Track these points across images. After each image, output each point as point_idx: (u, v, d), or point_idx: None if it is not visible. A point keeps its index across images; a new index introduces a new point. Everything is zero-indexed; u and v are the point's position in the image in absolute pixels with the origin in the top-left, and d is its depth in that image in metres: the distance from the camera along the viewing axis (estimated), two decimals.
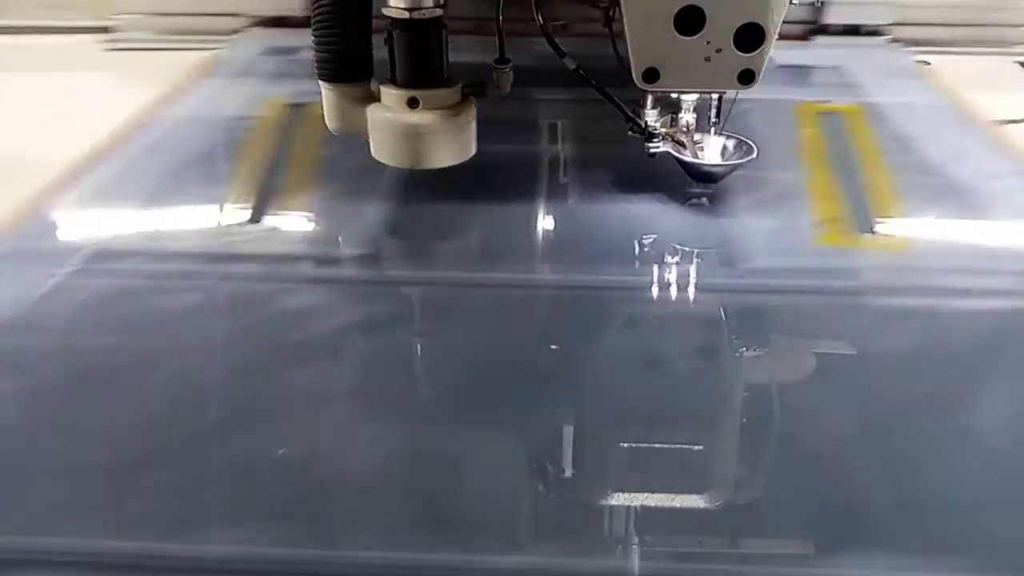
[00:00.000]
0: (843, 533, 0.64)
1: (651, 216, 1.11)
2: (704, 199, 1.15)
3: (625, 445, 0.74)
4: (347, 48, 1.07)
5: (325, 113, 1.13)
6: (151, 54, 1.74)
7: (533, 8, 1.08)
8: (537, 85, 1.30)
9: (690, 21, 0.98)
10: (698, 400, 0.81)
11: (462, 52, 1.13)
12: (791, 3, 0.98)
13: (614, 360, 0.87)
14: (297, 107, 1.39)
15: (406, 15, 1.03)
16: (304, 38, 1.13)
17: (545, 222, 1.14)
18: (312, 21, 1.07)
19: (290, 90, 1.46)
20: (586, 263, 1.03)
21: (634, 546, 0.63)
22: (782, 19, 0.98)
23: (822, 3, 1.59)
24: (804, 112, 1.40)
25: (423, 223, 1.15)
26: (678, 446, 0.73)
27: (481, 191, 1.15)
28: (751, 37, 0.99)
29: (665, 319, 0.96)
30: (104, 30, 1.81)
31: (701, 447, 0.74)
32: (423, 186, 1.15)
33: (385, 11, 1.04)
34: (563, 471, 0.71)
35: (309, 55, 1.09)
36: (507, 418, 0.78)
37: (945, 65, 1.60)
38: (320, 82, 1.10)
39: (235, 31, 1.79)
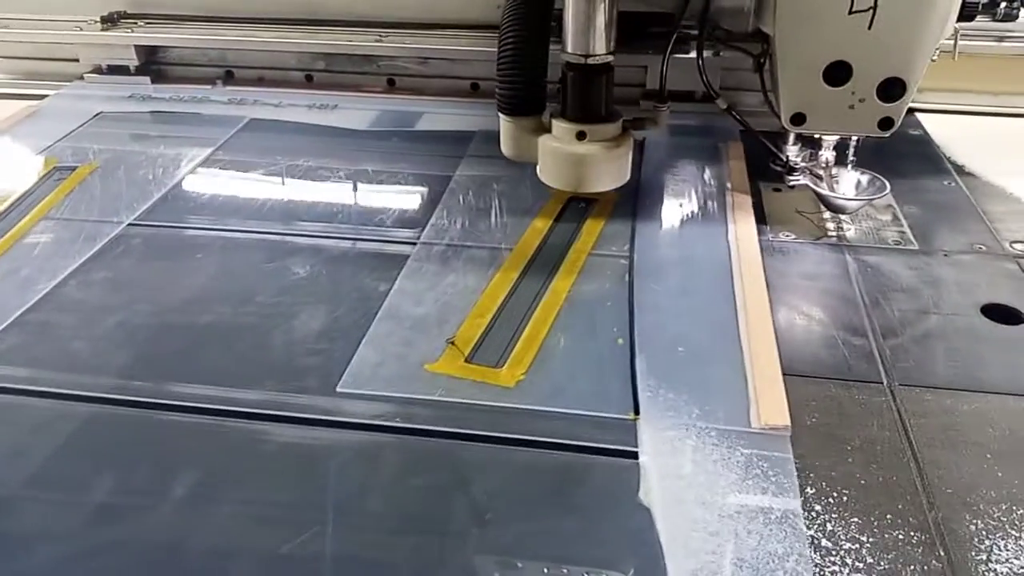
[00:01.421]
0: None
1: None
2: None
3: None
4: (525, 87, 1.23)
5: (501, 141, 1.29)
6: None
7: (696, 53, 1.22)
8: None
9: (838, 73, 1.10)
10: None
11: None
12: (932, 60, 1.09)
13: None
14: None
15: (582, 61, 1.18)
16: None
17: None
18: (497, 63, 1.23)
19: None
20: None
21: None
22: (923, 74, 1.10)
23: None
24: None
25: None
26: None
27: None
28: (893, 89, 1.10)
29: None
30: None
31: None
32: None
33: (564, 56, 1.20)
34: None
35: None
36: None
37: None
38: (499, 114, 1.27)
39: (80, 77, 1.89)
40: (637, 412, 0.89)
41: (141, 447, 0.88)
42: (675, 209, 1.33)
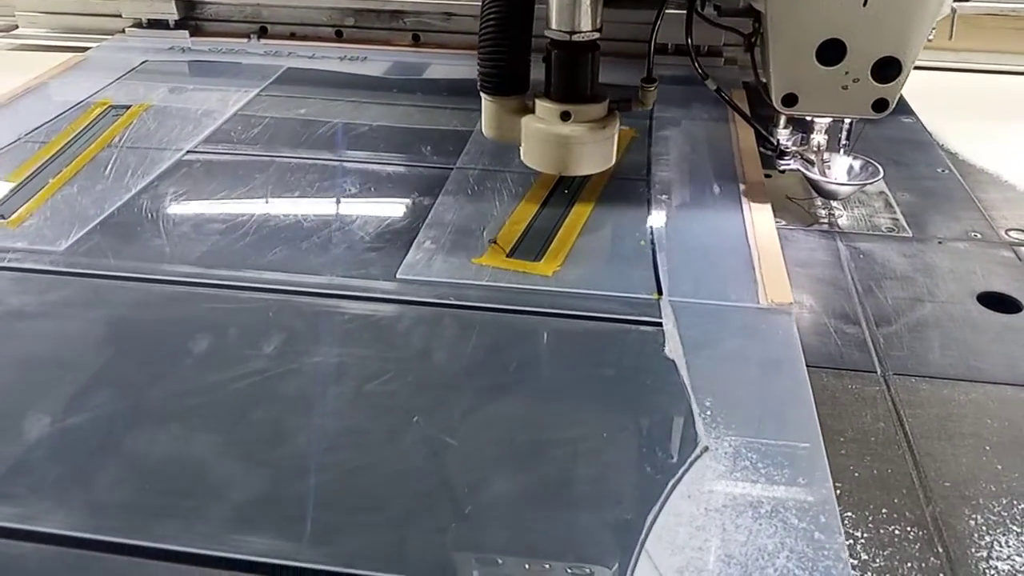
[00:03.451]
0: None
1: None
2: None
3: None
4: (508, 66, 1.18)
5: (483, 122, 1.25)
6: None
7: (684, 32, 1.18)
8: None
9: (831, 52, 1.06)
10: None
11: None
12: (928, 40, 1.05)
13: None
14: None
15: (567, 38, 1.13)
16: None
17: None
18: (479, 39, 1.18)
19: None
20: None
21: None
22: (918, 53, 1.06)
23: None
24: None
25: None
26: None
27: None
28: (888, 69, 1.06)
29: None
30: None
31: None
32: None
33: (547, 33, 1.15)
34: None
35: None
36: None
37: None
38: (482, 94, 1.22)
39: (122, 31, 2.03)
40: (660, 293, 1.04)
41: (227, 317, 1.01)
42: (686, 141, 1.48)
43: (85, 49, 1.94)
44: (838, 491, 0.76)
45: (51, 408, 0.85)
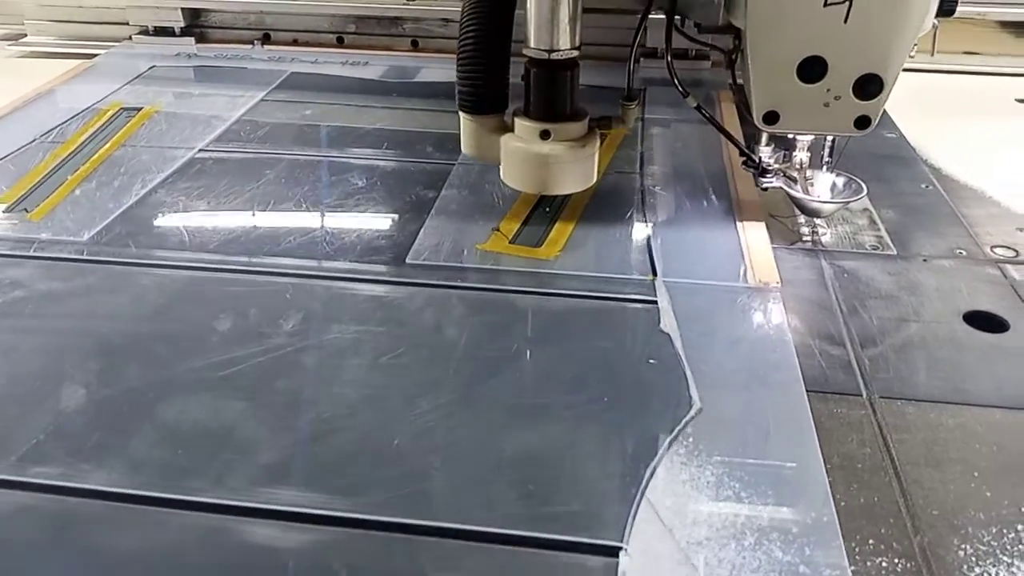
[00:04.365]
0: None
1: None
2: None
3: None
4: (486, 84, 1.17)
5: (462, 140, 1.23)
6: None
7: (664, 44, 1.17)
8: None
9: (812, 69, 1.05)
10: None
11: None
12: (910, 57, 1.04)
13: None
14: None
15: (545, 56, 1.12)
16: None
17: None
18: (457, 57, 1.17)
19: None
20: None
21: None
22: (900, 70, 1.05)
23: None
24: None
25: None
26: None
27: None
28: (870, 86, 1.05)
29: None
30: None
31: None
32: None
33: (526, 51, 1.13)
34: None
35: None
36: None
37: None
38: (460, 112, 1.21)
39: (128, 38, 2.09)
40: (655, 274, 1.11)
41: (247, 299, 1.07)
42: (676, 138, 1.56)
43: (92, 56, 1.98)
44: (826, 519, 0.74)
45: (85, 381, 0.92)
